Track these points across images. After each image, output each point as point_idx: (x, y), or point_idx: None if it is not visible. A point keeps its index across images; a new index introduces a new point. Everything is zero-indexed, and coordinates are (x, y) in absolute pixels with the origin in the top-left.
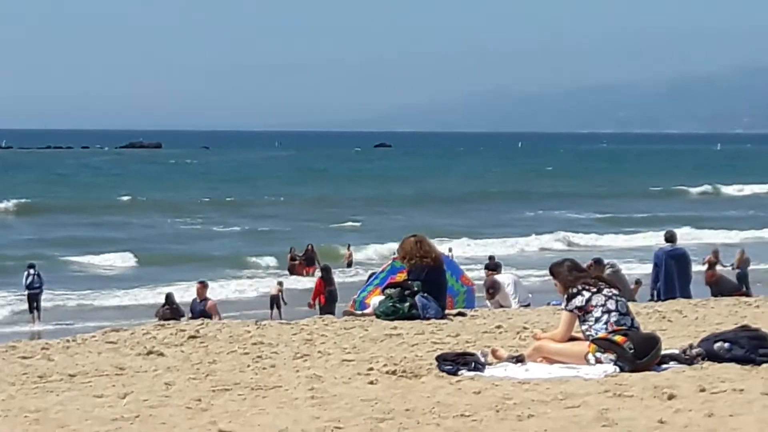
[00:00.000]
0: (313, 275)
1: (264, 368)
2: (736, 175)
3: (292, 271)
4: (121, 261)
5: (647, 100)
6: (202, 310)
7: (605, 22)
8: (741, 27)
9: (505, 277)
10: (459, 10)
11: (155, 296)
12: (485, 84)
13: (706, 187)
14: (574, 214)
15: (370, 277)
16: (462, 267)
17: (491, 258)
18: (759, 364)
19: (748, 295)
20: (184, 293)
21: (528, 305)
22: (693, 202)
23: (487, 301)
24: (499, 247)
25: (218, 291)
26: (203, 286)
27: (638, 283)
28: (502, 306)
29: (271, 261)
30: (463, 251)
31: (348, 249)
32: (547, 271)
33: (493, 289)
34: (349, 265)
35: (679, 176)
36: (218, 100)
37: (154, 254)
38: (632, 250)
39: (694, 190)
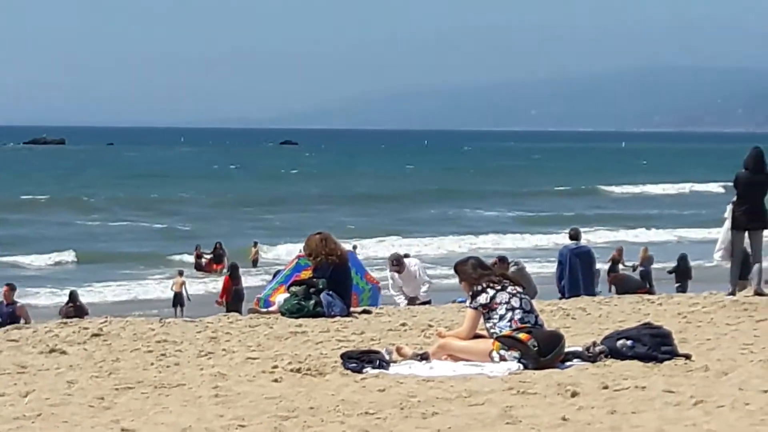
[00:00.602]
0: (221, 273)
1: (168, 366)
2: (639, 173)
3: (200, 268)
4: (32, 261)
5: (559, 98)
6: (10, 313)
7: (519, 17)
8: (652, 26)
9: (411, 261)
10: (365, 3)
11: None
12: (391, 80)
13: (607, 187)
14: (487, 212)
15: (275, 274)
16: (369, 267)
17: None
18: (661, 361)
19: (651, 292)
20: (96, 295)
21: (429, 302)
22: (600, 201)
23: (390, 276)
24: (416, 246)
25: (136, 290)
26: (10, 288)
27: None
28: (404, 292)
29: (186, 258)
30: (374, 251)
31: (254, 247)
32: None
33: (397, 262)
34: (255, 262)
35: (587, 175)
36: (120, 95)
37: (72, 253)
38: (541, 250)
39: (604, 188)
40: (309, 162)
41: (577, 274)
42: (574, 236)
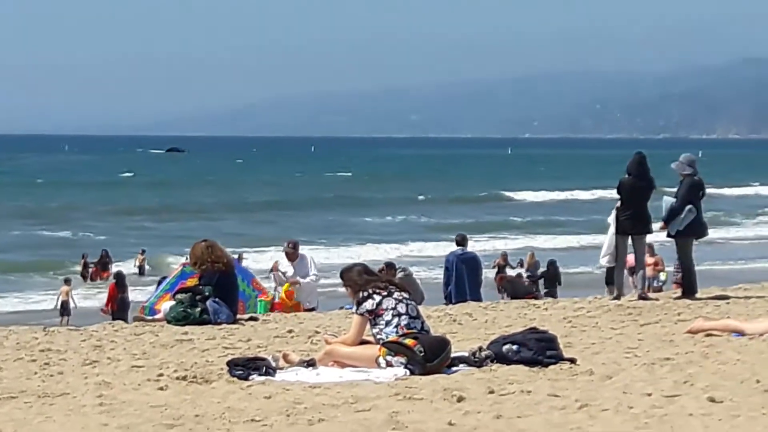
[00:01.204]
0: (107, 280)
1: (51, 375)
2: (529, 179)
3: (86, 277)
4: None
5: (440, 104)
6: None
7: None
8: (532, 34)
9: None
10: (253, 9)
11: None
12: (276, 88)
13: (503, 193)
14: (381, 219)
15: (159, 282)
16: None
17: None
18: (546, 365)
19: (537, 297)
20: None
21: (314, 309)
22: (502, 207)
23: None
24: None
25: (22, 299)
26: None
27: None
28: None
29: (72, 267)
30: (256, 261)
31: (141, 254)
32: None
33: (294, 246)
34: (141, 270)
35: (480, 182)
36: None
37: None
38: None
39: (490, 195)
40: (197, 169)
41: (463, 279)
42: (461, 242)
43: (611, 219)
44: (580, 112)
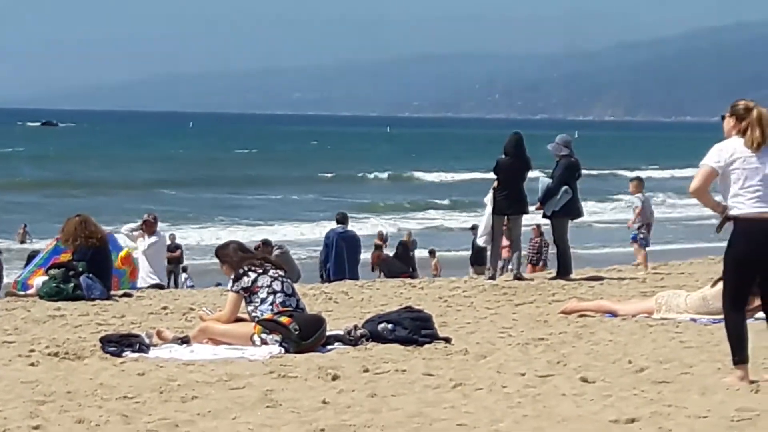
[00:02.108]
0: None
1: None
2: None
3: None
4: None
5: (321, 82)
6: None
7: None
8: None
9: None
10: None
11: None
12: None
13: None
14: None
15: (31, 257)
16: None
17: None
18: (421, 344)
19: (413, 276)
20: None
21: (193, 286)
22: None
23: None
24: (184, 232)
25: None
26: None
27: None
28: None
29: None
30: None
31: (22, 229)
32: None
33: (155, 220)
34: (22, 243)
35: (363, 162)
36: None
37: None
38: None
39: (372, 176)
40: (81, 143)
41: (342, 257)
42: (342, 220)
43: (488, 199)
44: (462, 93)
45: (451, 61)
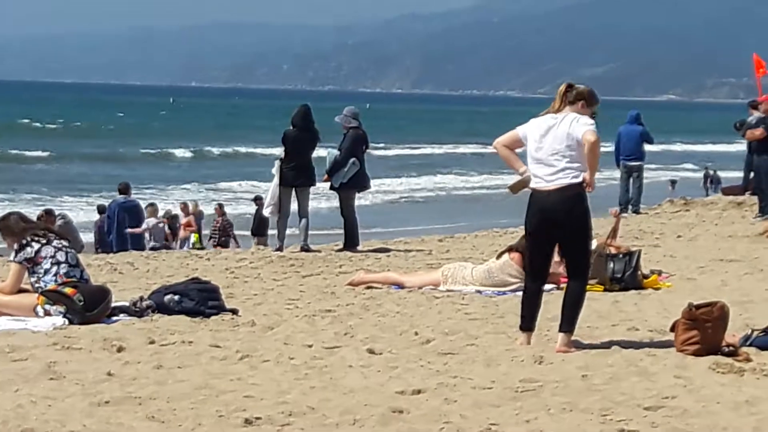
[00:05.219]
0: None
1: None
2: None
3: None
4: None
5: (111, 50)
6: None
7: None
8: None
9: None
10: None
11: None
12: None
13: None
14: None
15: None
16: None
17: None
18: (208, 316)
19: (203, 248)
20: None
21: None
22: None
23: None
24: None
25: None
26: None
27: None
28: None
29: None
30: None
31: None
32: None
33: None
34: None
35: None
36: None
37: None
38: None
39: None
40: None
41: (124, 227)
42: (124, 190)
43: (275, 170)
44: (254, 62)
45: (246, 30)
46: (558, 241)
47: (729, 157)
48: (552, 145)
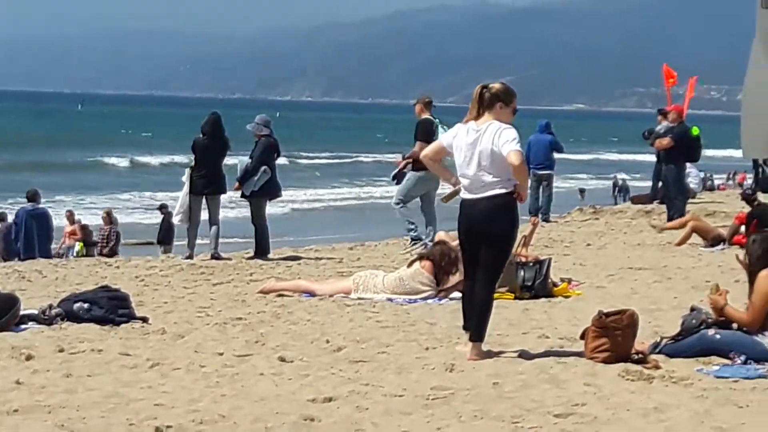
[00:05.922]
0: None
1: None
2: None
3: None
4: None
5: (24, 58)
6: None
7: None
8: None
9: None
10: None
11: None
12: None
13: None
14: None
15: None
16: None
17: None
18: (118, 324)
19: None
20: None
21: None
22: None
23: None
24: None
25: None
26: None
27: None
28: None
29: None
30: None
31: None
32: None
33: None
34: None
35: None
36: None
37: None
38: None
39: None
40: None
41: (32, 234)
42: (32, 198)
43: (185, 178)
44: (167, 71)
45: (161, 38)
46: (481, 246)
47: (638, 165)
48: (478, 161)
